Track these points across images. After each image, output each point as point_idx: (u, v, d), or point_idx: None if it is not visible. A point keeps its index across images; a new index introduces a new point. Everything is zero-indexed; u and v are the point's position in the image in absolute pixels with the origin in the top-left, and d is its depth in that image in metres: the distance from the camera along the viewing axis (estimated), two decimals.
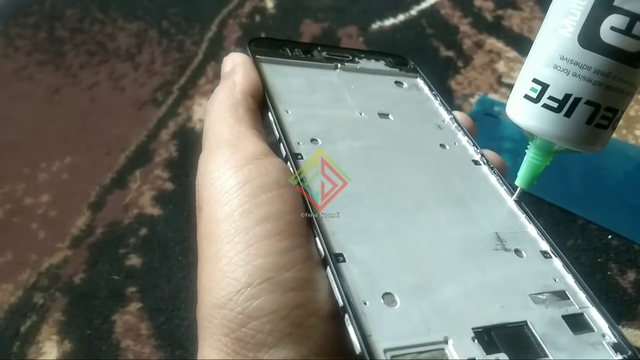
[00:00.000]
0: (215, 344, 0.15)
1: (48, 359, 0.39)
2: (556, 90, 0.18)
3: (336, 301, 0.15)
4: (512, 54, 0.58)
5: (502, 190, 0.21)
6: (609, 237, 0.41)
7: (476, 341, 0.15)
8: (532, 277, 0.18)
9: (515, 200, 0.20)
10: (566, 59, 0.18)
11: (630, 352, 0.16)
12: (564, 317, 0.17)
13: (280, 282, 0.15)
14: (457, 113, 0.25)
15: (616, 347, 0.16)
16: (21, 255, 0.46)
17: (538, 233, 0.20)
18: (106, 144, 0.55)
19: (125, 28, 0.72)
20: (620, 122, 0.51)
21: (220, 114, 0.20)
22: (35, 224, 0.48)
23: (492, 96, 0.54)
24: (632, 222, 0.41)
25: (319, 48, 0.26)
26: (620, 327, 0.35)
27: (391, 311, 0.15)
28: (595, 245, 0.40)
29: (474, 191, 0.21)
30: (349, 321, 0.14)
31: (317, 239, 0.16)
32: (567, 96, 0.18)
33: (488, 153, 0.23)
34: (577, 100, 0.18)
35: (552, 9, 0.19)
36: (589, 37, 0.17)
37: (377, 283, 0.15)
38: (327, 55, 0.25)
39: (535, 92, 0.19)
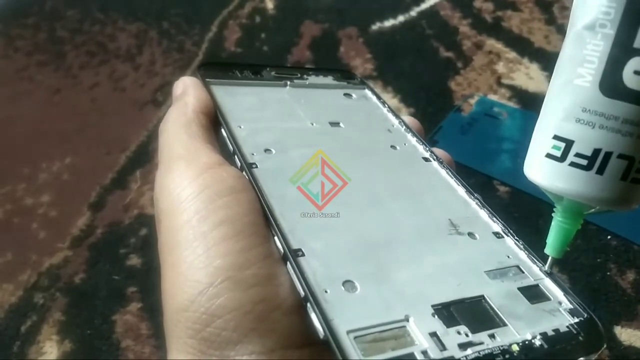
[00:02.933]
0: (182, 347, 0.15)
1: (48, 359, 0.39)
2: (583, 145, 0.16)
3: (298, 294, 0.15)
4: (512, 54, 0.58)
5: (452, 181, 0.22)
6: (608, 237, 0.41)
7: (436, 317, 0.16)
8: (486, 256, 0.19)
9: (547, 272, 0.19)
10: (589, 110, 0.16)
11: (586, 315, 0.17)
12: (519, 289, 0.17)
13: (241, 279, 0.15)
14: (405, 117, 0.26)
15: (573, 312, 0.17)
16: (21, 255, 0.46)
17: (489, 216, 0.21)
18: (106, 144, 0.55)
19: (126, 29, 0.72)
20: None
21: (174, 132, 0.20)
22: (35, 224, 0.48)
23: (492, 97, 0.54)
24: (631, 222, 0.41)
25: (268, 68, 0.27)
26: (619, 327, 0.36)
27: (352, 297, 0.16)
28: (595, 246, 0.40)
29: (426, 184, 0.22)
30: (311, 309, 0.15)
31: (275, 237, 0.17)
32: (596, 151, 0.16)
33: (437, 151, 0.24)
34: (608, 155, 0.16)
35: (563, 59, 0.17)
36: (611, 84, 0.16)
37: (337, 272, 0.16)
38: (276, 75, 0.26)
39: (559, 150, 0.17)
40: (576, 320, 0.17)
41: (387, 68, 0.60)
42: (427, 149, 0.24)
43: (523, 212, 0.43)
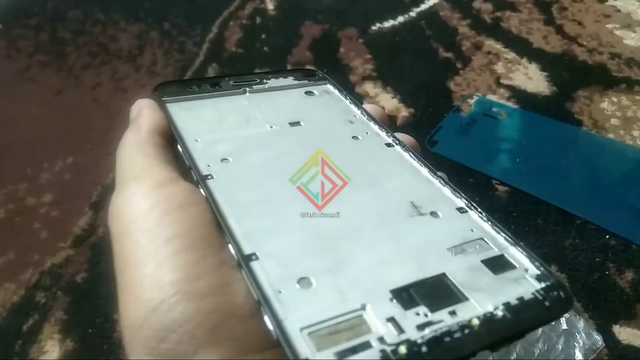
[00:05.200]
0: None
1: (50, 358, 0.39)
2: None
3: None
4: (511, 55, 0.59)
5: (415, 163, 0.22)
6: (607, 237, 0.41)
7: (394, 301, 0.15)
8: (450, 233, 0.18)
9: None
10: None
11: (552, 280, 0.16)
12: (483, 261, 0.17)
13: (192, 291, 0.15)
14: (367, 106, 0.26)
15: (539, 278, 0.17)
16: (23, 254, 0.46)
17: (452, 192, 0.20)
18: (108, 144, 0.55)
19: (127, 29, 0.72)
20: (618, 123, 0.50)
21: (128, 154, 0.20)
22: (37, 224, 0.48)
23: (491, 97, 0.54)
24: (630, 222, 0.41)
25: (226, 78, 0.27)
26: (618, 326, 0.36)
27: (307, 293, 0.15)
28: (594, 245, 0.41)
29: (388, 170, 0.22)
30: (264, 311, 0.15)
31: (229, 244, 0.17)
32: None
33: (401, 136, 0.24)
34: None
35: None
36: None
37: (292, 271, 0.16)
38: (234, 83, 0.26)
39: None
40: (542, 285, 0.16)
41: (387, 68, 0.60)
42: (390, 134, 0.24)
43: (522, 211, 0.43)
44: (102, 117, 0.59)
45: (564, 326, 0.35)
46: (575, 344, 0.34)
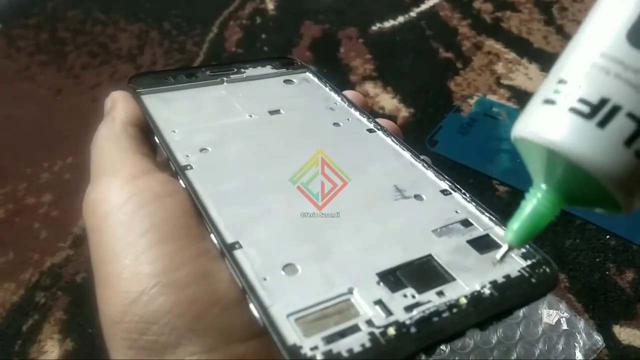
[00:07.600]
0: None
1: (50, 358, 0.39)
2: (590, 91, 0.14)
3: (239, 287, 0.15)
4: (511, 55, 0.59)
5: (397, 148, 0.22)
6: (607, 237, 0.41)
7: (382, 284, 0.15)
8: (434, 215, 0.18)
9: (499, 261, 0.16)
10: (608, 56, 0.14)
11: (538, 257, 0.16)
12: (468, 242, 0.17)
13: (171, 282, 0.15)
14: (348, 92, 0.26)
15: (525, 256, 0.17)
16: (23, 254, 0.46)
17: (436, 175, 0.21)
18: None
19: (127, 29, 0.72)
20: None
21: (102, 148, 0.20)
22: (37, 224, 0.48)
23: (491, 97, 0.54)
24: (630, 222, 0.42)
25: (203, 68, 0.26)
26: (618, 326, 0.36)
27: (293, 279, 0.15)
28: (594, 245, 0.41)
29: (370, 155, 0.22)
30: (249, 299, 0.15)
31: (211, 234, 0.17)
32: (603, 101, 0.13)
33: (382, 121, 0.24)
34: (615, 110, 0.13)
35: (597, 3, 0.15)
36: None
37: (276, 258, 0.16)
38: (211, 73, 0.26)
39: (559, 94, 0.14)
40: (528, 262, 0.16)
41: (387, 68, 0.60)
42: (371, 120, 0.24)
43: None
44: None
45: (565, 326, 0.35)
46: (576, 344, 0.34)
